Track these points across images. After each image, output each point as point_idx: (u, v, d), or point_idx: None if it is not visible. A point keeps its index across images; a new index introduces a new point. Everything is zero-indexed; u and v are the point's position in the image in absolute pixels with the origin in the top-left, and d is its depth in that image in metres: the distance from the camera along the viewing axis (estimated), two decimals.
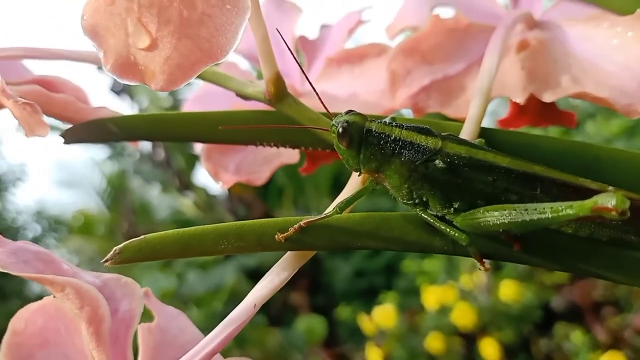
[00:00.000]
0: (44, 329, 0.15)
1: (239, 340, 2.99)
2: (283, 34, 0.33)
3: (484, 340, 1.94)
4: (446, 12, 0.31)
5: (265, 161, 0.27)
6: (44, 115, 0.23)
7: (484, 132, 0.21)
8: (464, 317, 1.99)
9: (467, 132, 0.20)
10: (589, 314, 1.85)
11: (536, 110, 0.25)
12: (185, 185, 3.36)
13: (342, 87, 0.29)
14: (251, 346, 3.02)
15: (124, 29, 0.17)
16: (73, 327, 0.17)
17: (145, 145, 3.15)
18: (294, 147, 0.22)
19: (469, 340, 2.04)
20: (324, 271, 3.14)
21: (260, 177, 0.27)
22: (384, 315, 2.20)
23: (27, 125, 0.20)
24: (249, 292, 0.19)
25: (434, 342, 2.02)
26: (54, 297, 0.17)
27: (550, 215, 0.15)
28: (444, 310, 2.09)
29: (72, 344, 0.17)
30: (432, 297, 2.10)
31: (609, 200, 0.14)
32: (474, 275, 2.05)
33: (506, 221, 0.16)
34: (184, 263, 4.02)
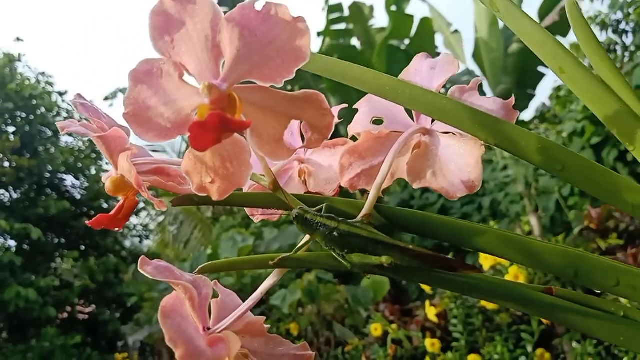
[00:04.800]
0: (173, 305, 0.37)
1: (312, 295, 3.32)
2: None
3: None
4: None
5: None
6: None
7: (378, 208, 0.42)
8: (518, 279, 2.14)
9: (366, 209, 0.41)
10: None
11: None
12: None
13: (324, 160, 0.51)
14: (322, 300, 3.32)
15: (201, 174, 0.39)
16: (183, 303, 0.39)
17: None
18: (285, 210, 0.44)
19: None
20: (392, 233, 3.32)
21: (274, 217, 0.50)
22: None
23: (154, 203, 0.44)
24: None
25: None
26: (175, 290, 0.40)
27: (363, 262, 0.37)
28: (499, 272, 2.26)
29: (184, 310, 0.39)
30: (488, 259, 2.27)
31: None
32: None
33: (359, 262, 0.38)
34: (261, 223, 4.35)
